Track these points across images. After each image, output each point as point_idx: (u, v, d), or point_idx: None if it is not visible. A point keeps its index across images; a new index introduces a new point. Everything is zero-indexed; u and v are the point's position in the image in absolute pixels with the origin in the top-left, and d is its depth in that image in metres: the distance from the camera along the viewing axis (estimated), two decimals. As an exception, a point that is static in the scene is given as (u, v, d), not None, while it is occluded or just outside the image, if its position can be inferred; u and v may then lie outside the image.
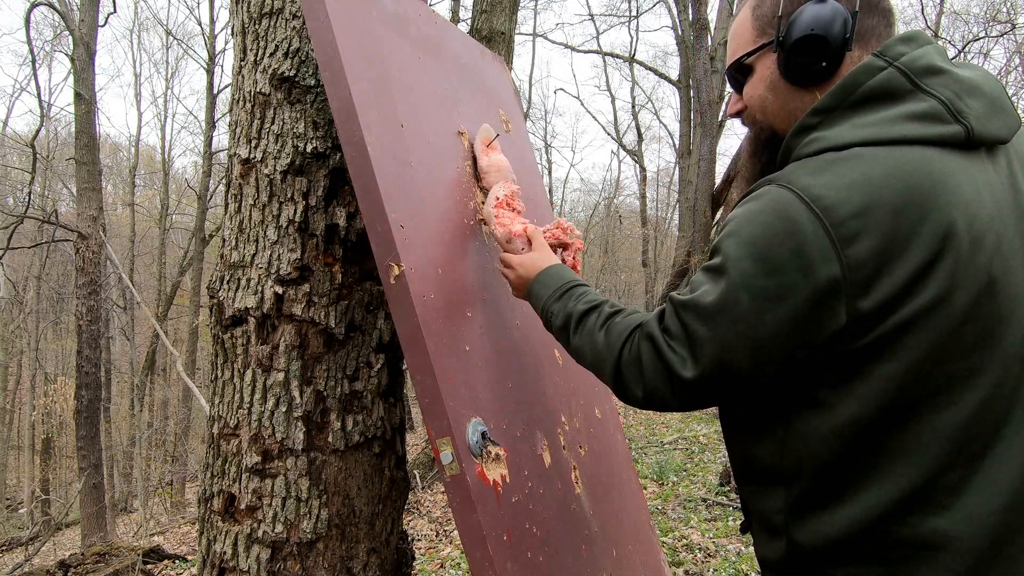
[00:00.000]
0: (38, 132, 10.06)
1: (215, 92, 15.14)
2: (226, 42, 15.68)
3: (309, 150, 1.28)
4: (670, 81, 16.79)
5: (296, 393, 1.25)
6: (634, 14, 19.36)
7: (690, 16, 11.44)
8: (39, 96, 10.26)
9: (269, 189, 1.28)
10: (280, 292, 1.26)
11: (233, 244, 1.32)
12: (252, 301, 1.27)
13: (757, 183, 0.85)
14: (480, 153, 1.48)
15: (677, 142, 17.17)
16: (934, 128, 0.79)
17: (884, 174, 0.76)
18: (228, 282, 1.31)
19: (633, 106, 20.47)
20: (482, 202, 1.46)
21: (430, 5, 1.61)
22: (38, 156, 9.22)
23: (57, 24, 13.58)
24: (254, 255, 1.29)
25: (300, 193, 1.28)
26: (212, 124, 14.83)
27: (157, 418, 16.63)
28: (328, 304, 1.28)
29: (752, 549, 3.02)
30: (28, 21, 7.53)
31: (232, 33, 1.45)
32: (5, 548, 9.16)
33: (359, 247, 1.33)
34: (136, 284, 17.09)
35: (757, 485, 0.90)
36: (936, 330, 0.74)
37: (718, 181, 9.16)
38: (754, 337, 0.79)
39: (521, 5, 6.56)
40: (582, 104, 49.19)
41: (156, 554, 4.50)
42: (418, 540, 4.42)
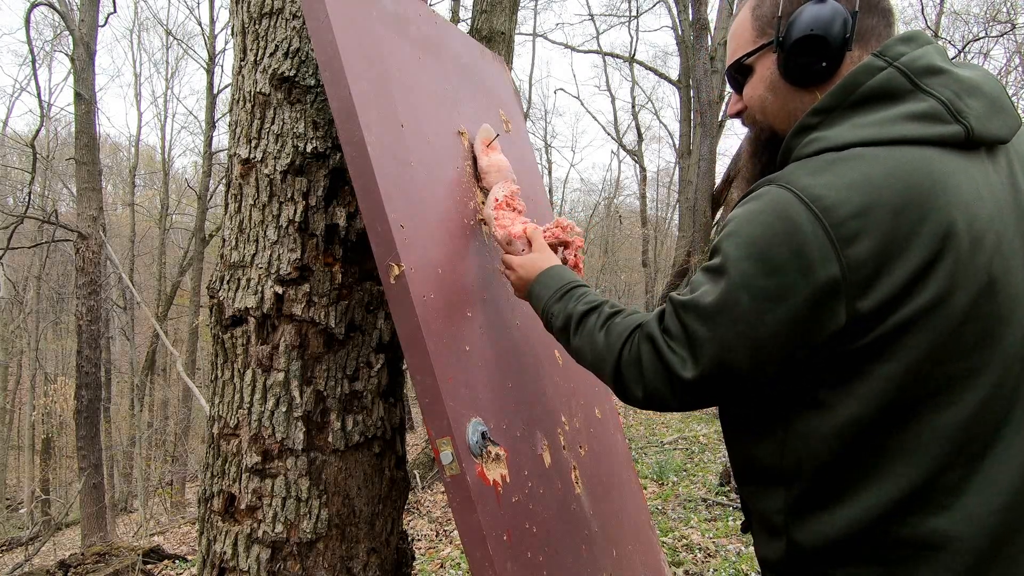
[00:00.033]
0: (38, 132, 10.07)
1: (215, 92, 15.14)
2: (226, 42, 15.69)
3: (309, 150, 1.28)
4: (670, 81, 16.79)
5: (296, 393, 1.25)
6: (634, 14, 19.39)
7: (690, 16, 11.44)
8: (39, 96, 10.28)
9: (269, 189, 1.29)
10: (280, 292, 1.26)
11: (233, 244, 1.32)
12: (252, 301, 1.27)
13: (757, 183, 0.85)
14: (480, 153, 1.48)
15: (677, 142, 17.19)
16: (934, 128, 0.79)
17: (884, 174, 0.76)
18: (228, 282, 1.31)
19: (633, 106, 20.49)
20: (482, 202, 1.46)
21: (430, 5, 1.61)
22: (38, 156, 9.22)
23: (57, 24, 13.59)
24: (254, 255, 1.29)
25: (300, 193, 1.28)
26: (212, 124, 14.83)
27: (157, 418, 16.63)
28: (328, 304, 1.28)
29: (752, 549, 3.02)
30: (28, 21, 7.54)
31: (232, 33, 1.45)
32: (5, 548, 9.16)
33: (359, 247, 1.33)
34: (136, 284, 17.09)
35: (757, 485, 0.91)
36: (936, 330, 0.74)
37: (718, 181, 9.16)
38: (754, 337, 0.79)
39: (521, 5, 6.56)
40: (582, 104, 49.27)
41: (156, 554, 4.50)
42: (418, 540, 4.42)
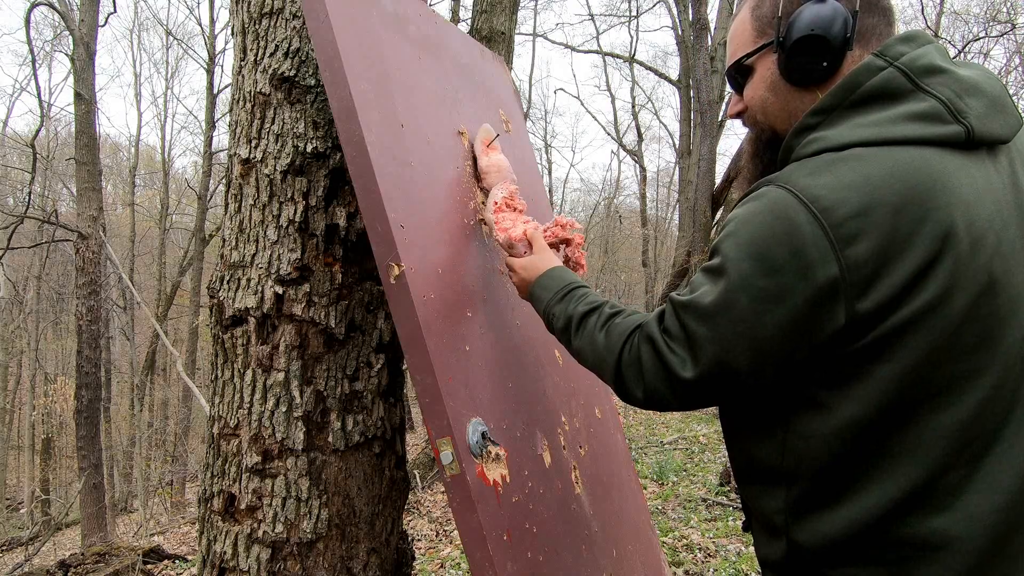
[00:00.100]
0: (38, 132, 10.06)
1: (215, 92, 15.14)
2: (226, 42, 15.69)
3: (309, 150, 1.28)
4: (670, 81, 16.79)
5: (296, 393, 1.25)
6: (634, 14, 19.37)
7: (690, 16, 11.43)
8: (39, 96, 10.27)
9: (269, 189, 1.28)
10: (280, 292, 1.26)
11: (233, 244, 1.32)
12: (252, 301, 1.27)
13: (756, 183, 0.85)
14: (480, 153, 1.48)
15: (677, 142, 17.18)
16: (934, 128, 0.78)
17: (883, 175, 0.75)
18: (228, 282, 1.31)
19: (633, 106, 20.46)
20: (482, 202, 1.46)
21: (430, 5, 1.61)
22: (38, 156, 9.21)
23: (57, 24, 13.58)
24: (254, 255, 1.29)
25: (300, 193, 1.28)
26: (212, 124, 14.83)
27: (157, 418, 16.63)
28: (328, 304, 1.28)
29: (752, 549, 3.03)
30: (28, 21, 7.53)
31: (232, 33, 1.45)
32: (5, 548, 9.16)
33: (359, 247, 1.33)
34: (136, 284, 17.10)
35: (757, 485, 0.90)
36: (936, 331, 0.74)
37: (718, 181, 9.16)
38: (753, 337, 0.79)
39: (521, 5, 6.56)
40: (582, 104, 49.19)
41: (156, 554, 4.50)
42: (418, 540, 4.42)
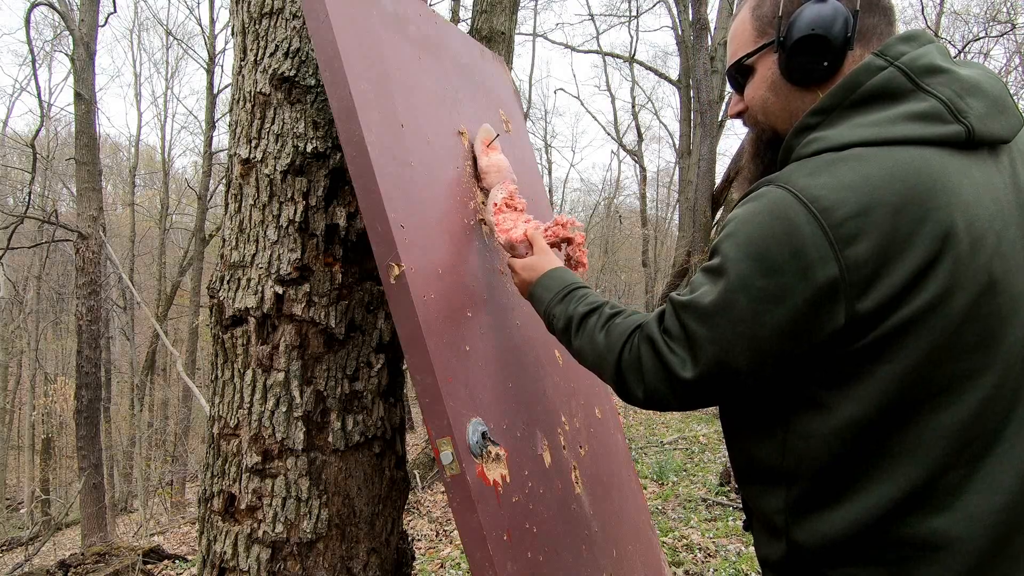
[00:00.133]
0: (38, 132, 10.06)
1: (215, 92, 15.14)
2: (226, 42, 15.69)
3: (309, 150, 1.28)
4: (670, 81, 16.78)
5: (296, 393, 1.25)
6: (634, 14, 19.37)
7: (690, 16, 11.43)
8: (39, 96, 10.27)
9: (269, 189, 1.28)
10: (280, 292, 1.26)
11: (233, 244, 1.32)
12: (252, 301, 1.27)
13: (756, 184, 0.85)
14: (480, 153, 1.48)
15: (677, 142, 17.18)
16: (934, 128, 0.78)
17: (883, 175, 0.75)
18: (228, 282, 1.31)
19: (633, 106, 20.46)
20: (482, 202, 1.46)
21: (430, 5, 1.61)
22: (38, 156, 9.21)
23: (57, 24, 13.58)
24: (254, 255, 1.29)
25: (300, 193, 1.28)
26: (212, 124, 14.83)
27: (157, 418, 16.63)
28: (328, 304, 1.28)
29: (752, 549, 3.02)
30: (28, 21, 7.53)
31: (232, 33, 1.45)
32: (5, 548, 9.16)
33: (359, 247, 1.33)
34: (136, 284, 17.09)
35: (758, 485, 0.90)
36: (936, 331, 0.74)
37: (718, 181, 9.16)
38: (753, 338, 0.79)
39: (521, 5, 6.56)
40: (582, 104, 49.22)
41: (156, 554, 4.50)
42: (418, 540, 4.42)
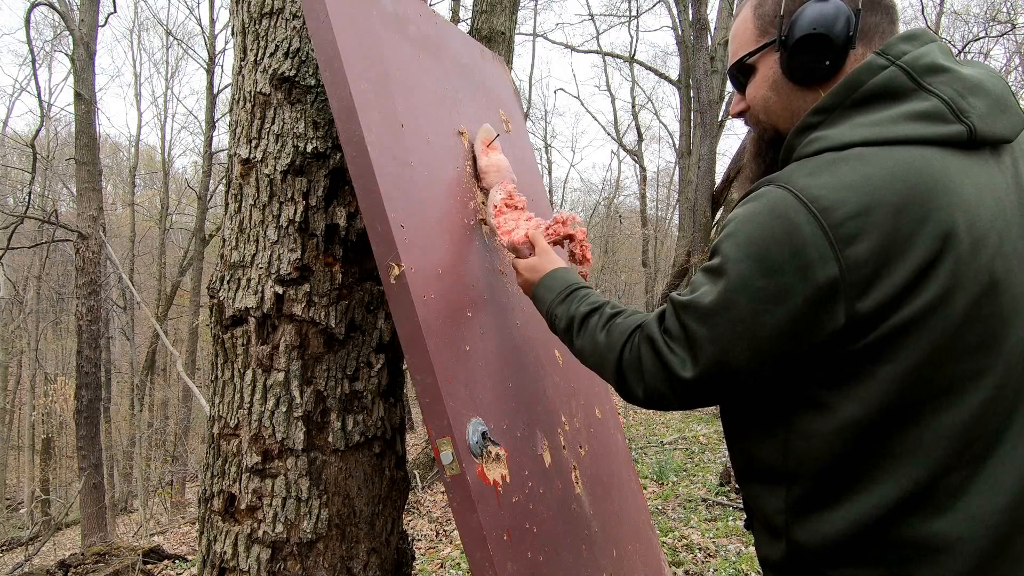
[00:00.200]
0: (38, 132, 10.06)
1: (215, 92, 15.14)
2: (226, 42, 15.69)
3: (309, 150, 1.28)
4: (670, 81, 16.78)
5: (296, 393, 1.25)
6: (634, 14, 19.36)
7: (690, 16, 11.43)
8: (39, 96, 10.27)
9: (269, 189, 1.28)
10: (280, 292, 1.26)
11: (233, 244, 1.32)
12: (252, 301, 1.27)
13: (757, 183, 0.85)
14: (480, 153, 1.48)
15: (677, 142, 17.17)
16: (936, 128, 0.78)
17: (884, 174, 0.75)
18: (228, 282, 1.31)
19: (633, 106, 20.45)
20: (482, 202, 1.46)
21: (430, 5, 1.61)
22: (38, 156, 9.21)
23: (57, 24, 13.58)
24: (254, 255, 1.28)
25: (300, 193, 1.28)
26: (212, 124, 14.83)
27: (157, 418, 16.63)
28: (328, 304, 1.28)
29: (752, 549, 3.02)
30: (28, 21, 7.53)
31: (232, 33, 1.44)
32: (5, 548, 9.15)
33: (359, 247, 1.33)
34: (136, 284, 17.10)
35: (758, 485, 0.90)
36: (936, 331, 0.74)
37: (718, 181, 9.16)
38: (753, 337, 0.79)
39: (521, 5, 6.56)
40: (582, 104, 49.24)
41: (156, 554, 4.50)
42: (418, 540, 4.42)
